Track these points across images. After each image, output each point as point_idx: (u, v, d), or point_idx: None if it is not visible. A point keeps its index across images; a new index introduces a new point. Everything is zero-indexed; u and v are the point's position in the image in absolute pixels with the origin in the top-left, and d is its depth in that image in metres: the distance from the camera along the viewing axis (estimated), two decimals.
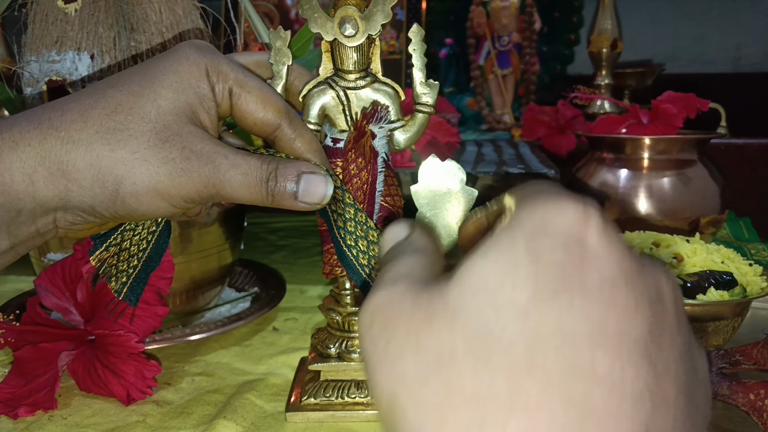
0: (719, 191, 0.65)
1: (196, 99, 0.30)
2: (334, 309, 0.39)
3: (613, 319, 0.16)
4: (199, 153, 0.29)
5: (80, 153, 0.28)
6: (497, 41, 1.40)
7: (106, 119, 0.28)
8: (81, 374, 0.43)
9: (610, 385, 0.15)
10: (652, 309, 0.17)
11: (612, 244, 0.17)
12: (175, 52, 0.31)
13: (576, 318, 0.16)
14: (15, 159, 0.28)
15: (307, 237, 0.92)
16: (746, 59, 1.86)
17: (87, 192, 0.29)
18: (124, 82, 0.30)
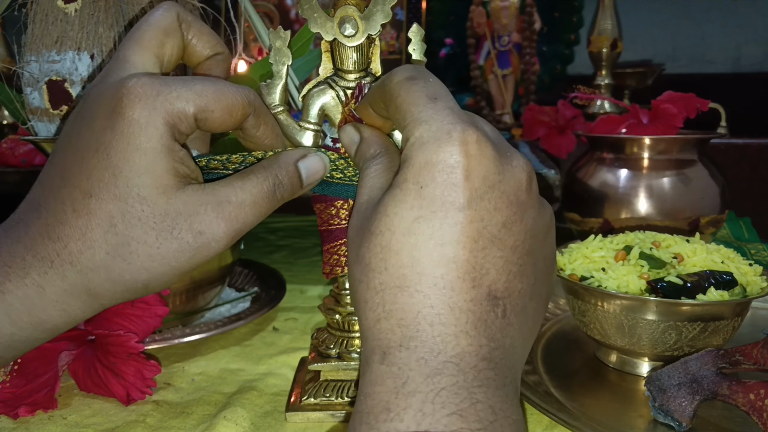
0: (719, 191, 0.65)
1: (171, 159, 0.28)
2: (334, 309, 0.39)
3: (477, 223, 0.24)
4: (207, 223, 0.28)
5: (102, 276, 0.28)
6: (497, 41, 1.39)
7: (108, 235, 0.28)
8: (81, 374, 0.43)
9: (467, 269, 0.23)
10: (509, 207, 0.25)
11: (482, 164, 0.24)
12: (122, 119, 0.27)
13: (448, 227, 0.24)
14: (47, 301, 0.28)
15: (307, 237, 0.92)
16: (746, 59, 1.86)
17: (119, 299, 0.30)
18: (97, 184, 0.28)
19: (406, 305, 0.24)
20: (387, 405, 0.22)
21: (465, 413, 0.21)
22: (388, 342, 0.23)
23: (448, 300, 0.23)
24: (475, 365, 0.23)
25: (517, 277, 0.25)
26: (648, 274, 0.43)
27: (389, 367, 0.23)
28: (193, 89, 0.29)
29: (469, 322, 0.23)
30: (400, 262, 0.24)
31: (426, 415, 0.21)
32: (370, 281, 0.25)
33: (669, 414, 0.36)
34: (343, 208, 0.36)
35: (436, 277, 0.24)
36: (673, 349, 0.41)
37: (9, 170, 0.93)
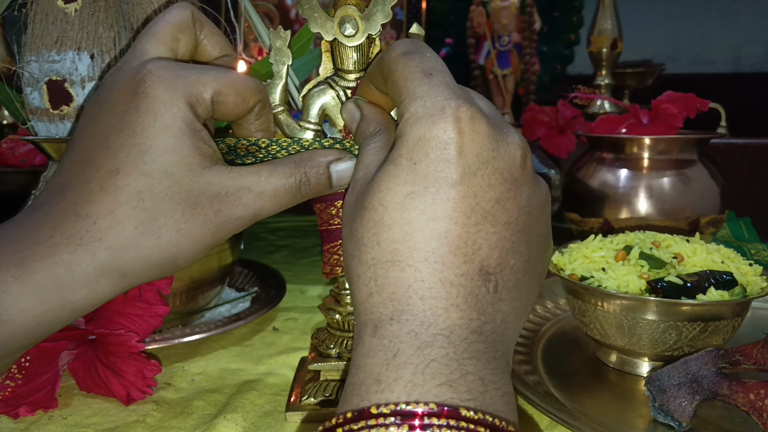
0: (719, 191, 0.65)
1: (194, 138, 0.29)
2: (334, 309, 0.39)
3: (469, 199, 0.24)
4: (226, 201, 0.29)
5: (132, 253, 0.28)
6: (497, 41, 1.39)
7: (137, 212, 0.28)
8: (81, 374, 0.43)
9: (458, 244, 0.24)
10: (503, 183, 0.25)
11: (475, 140, 0.24)
12: (145, 99, 0.28)
13: (441, 202, 0.24)
14: (76, 279, 0.28)
15: (307, 237, 0.92)
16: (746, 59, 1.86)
17: (148, 278, 0.30)
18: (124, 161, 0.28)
19: (397, 279, 0.24)
20: (378, 377, 0.22)
21: (455, 384, 0.21)
22: (379, 316, 0.24)
23: (439, 274, 0.24)
24: (465, 338, 0.23)
25: (509, 253, 0.25)
26: (648, 274, 0.43)
27: (380, 340, 0.23)
28: (209, 74, 0.30)
29: (460, 296, 0.23)
30: (392, 236, 0.24)
31: (416, 386, 0.21)
32: (363, 256, 0.25)
33: (669, 414, 0.36)
34: (343, 207, 0.36)
35: (427, 252, 0.24)
36: (673, 349, 0.41)
37: (9, 170, 0.93)
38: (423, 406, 0.20)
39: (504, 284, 0.25)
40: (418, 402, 0.20)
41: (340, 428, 0.21)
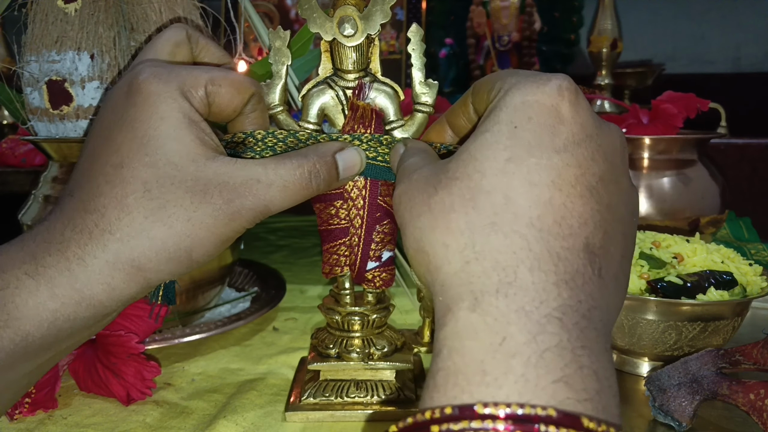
0: (719, 191, 0.65)
1: (194, 129, 0.29)
2: (333, 309, 0.39)
3: (574, 169, 0.22)
4: (236, 190, 0.29)
5: (145, 245, 0.28)
6: (497, 41, 1.40)
7: (145, 201, 0.28)
8: (81, 374, 0.43)
9: (563, 214, 0.22)
10: (606, 162, 0.23)
11: (579, 112, 0.23)
12: (140, 94, 0.29)
13: (544, 169, 0.22)
14: (90, 273, 0.28)
15: (307, 237, 0.92)
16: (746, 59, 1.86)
17: (164, 273, 0.29)
18: (127, 154, 0.29)
19: (501, 246, 0.21)
20: (482, 365, 0.19)
21: (571, 381, 0.18)
22: (482, 286, 0.21)
23: (545, 244, 0.21)
24: (576, 322, 0.20)
25: (611, 239, 0.23)
26: (648, 274, 0.43)
27: (483, 318, 0.20)
28: (201, 69, 0.31)
29: (567, 273, 0.21)
30: (491, 201, 0.22)
31: (529, 383, 0.18)
32: (452, 223, 0.23)
33: (669, 414, 0.36)
34: (342, 208, 0.36)
35: (532, 218, 0.22)
36: (673, 349, 0.41)
37: (9, 170, 0.93)
38: (540, 410, 0.17)
39: (606, 270, 0.22)
40: (534, 405, 0.17)
41: (436, 426, 0.18)
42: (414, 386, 0.40)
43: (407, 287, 0.62)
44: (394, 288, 0.61)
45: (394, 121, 0.35)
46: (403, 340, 0.41)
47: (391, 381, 0.40)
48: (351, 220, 0.36)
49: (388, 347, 0.39)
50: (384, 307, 0.40)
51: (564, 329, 0.20)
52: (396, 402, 0.39)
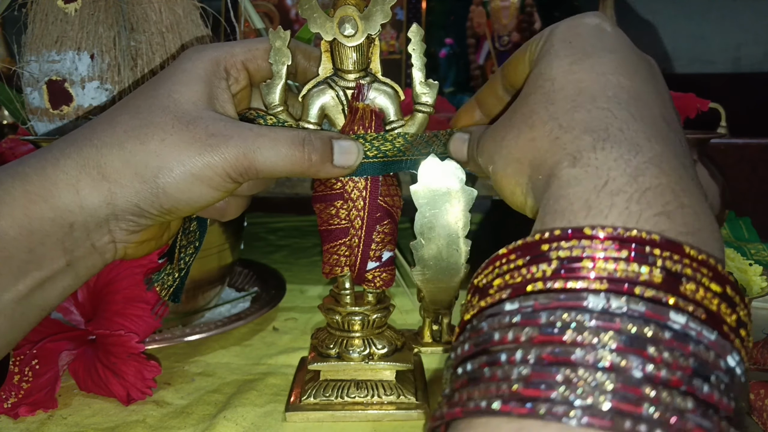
0: (719, 191, 0.65)
1: (207, 87, 0.32)
2: (334, 309, 0.39)
3: (629, 65, 0.24)
4: (223, 129, 0.30)
5: (115, 154, 0.29)
6: (497, 41, 1.40)
7: (131, 119, 0.30)
8: (81, 374, 0.43)
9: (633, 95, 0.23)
10: (648, 73, 0.25)
11: (618, 30, 0.26)
12: (178, 58, 0.33)
13: (606, 62, 0.24)
14: (59, 173, 0.29)
15: (307, 237, 0.92)
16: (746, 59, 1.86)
17: (129, 190, 0.30)
18: (139, 93, 0.32)
19: (587, 118, 0.22)
20: (587, 203, 0.20)
21: (672, 215, 0.19)
22: (577, 147, 0.22)
23: (628, 112, 0.22)
24: (674, 168, 0.20)
25: (674, 116, 0.24)
26: None
27: (584, 169, 0.21)
28: (239, 42, 0.34)
29: (655, 132, 0.22)
30: (566, 94, 0.24)
31: (632, 214, 0.19)
32: (535, 122, 0.24)
33: None
34: (342, 208, 0.36)
35: (608, 96, 0.23)
36: None
37: None
38: (645, 234, 0.18)
39: (682, 138, 0.23)
40: (640, 230, 0.18)
41: (546, 244, 0.19)
42: (414, 386, 0.40)
43: (407, 287, 0.62)
44: (394, 288, 0.61)
45: (394, 121, 0.35)
46: (403, 340, 0.41)
47: (391, 381, 0.40)
48: (351, 220, 0.36)
49: (388, 347, 0.39)
50: (384, 307, 0.40)
51: (663, 173, 0.20)
52: (396, 402, 0.39)
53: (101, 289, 0.44)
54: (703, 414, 0.16)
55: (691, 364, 0.16)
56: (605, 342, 0.16)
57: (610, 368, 0.16)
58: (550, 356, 0.16)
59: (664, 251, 0.17)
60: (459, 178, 0.34)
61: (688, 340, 0.16)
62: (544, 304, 0.17)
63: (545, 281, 0.18)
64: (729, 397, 0.16)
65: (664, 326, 0.16)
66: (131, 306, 0.43)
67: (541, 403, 0.15)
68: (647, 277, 0.17)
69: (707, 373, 0.16)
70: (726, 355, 0.17)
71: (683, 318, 0.17)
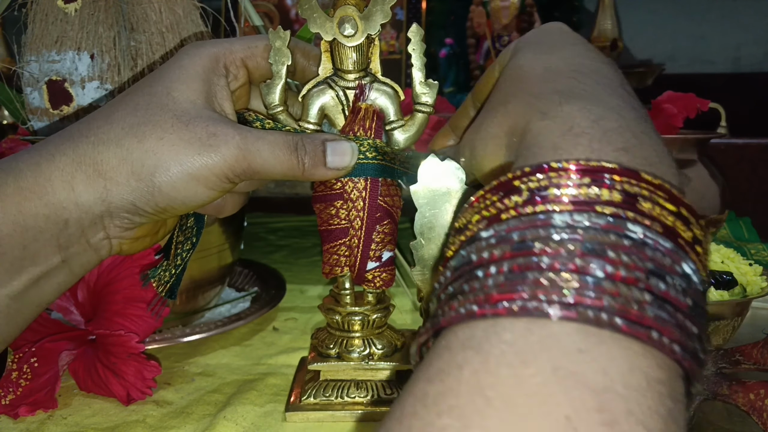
0: (719, 191, 0.65)
1: (206, 85, 0.31)
2: (334, 309, 0.39)
3: (590, 52, 0.27)
4: (222, 130, 0.30)
5: (111, 151, 0.29)
6: (497, 41, 1.40)
7: (129, 117, 0.30)
8: (81, 374, 0.43)
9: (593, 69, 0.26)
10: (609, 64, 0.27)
11: (582, 38, 0.28)
12: (177, 54, 0.33)
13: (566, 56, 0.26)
14: (54, 169, 0.29)
15: (307, 237, 0.92)
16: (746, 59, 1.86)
17: (125, 188, 0.29)
18: (137, 88, 0.31)
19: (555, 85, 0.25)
20: (555, 145, 0.22)
21: (631, 151, 0.21)
22: (545, 104, 0.24)
23: (590, 77, 0.25)
24: (635, 118, 0.23)
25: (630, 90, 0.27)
26: None
27: (552, 120, 0.23)
28: (238, 38, 0.34)
29: (614, 92, 0.24)
30: (535, 73, 0.26)
31: (594, 151, 0.21)
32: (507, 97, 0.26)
33: None
34: (342, 208, 0.36)
35: (573, 70, 0.25)
36: None
37: None
38: (605, 163, 0.20)
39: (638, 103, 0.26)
40: (599, 160, 0.20)
41: (517, 181, 0.20)
42: None
43: (407, 287, 0.62)
44: (394, 288, 0.61)
45: (394, 121, 0.35)
46: (403, 340, 0.41)
47: (391, 381, 0.40)
48: (351, 220, 0.36)
49: (388, 347, 0.39)
50: (384, 307, 0.40)
51: (623, 119, 0.22)
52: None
53: (101, 289, 0.44)
54: (659, 307, 0.17)
55: (648, 266, 0.18)
56: (569, 250, 0.18)
57: (574, 270, 0.17)
58: (521, 266, 0.18)
59: (623, 177, 0.19)
60: (459, 178, 0.34)
61: (645, 247, 0.18)
62: (515, 225, 0.19)
63: (517, 209, 0.20)
64: (685, 296, 0.18)
65: (622, 236, 0.18)
66: (131, 306, 0.43)
67: (513, 303, 0.17)
68: (607, 198, 0.19)
69: (663, 275, 0.18)
70: (681, 261, 0.19)
71: (640, 229, 0.18)
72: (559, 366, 0.16)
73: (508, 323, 0.17)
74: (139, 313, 0.43)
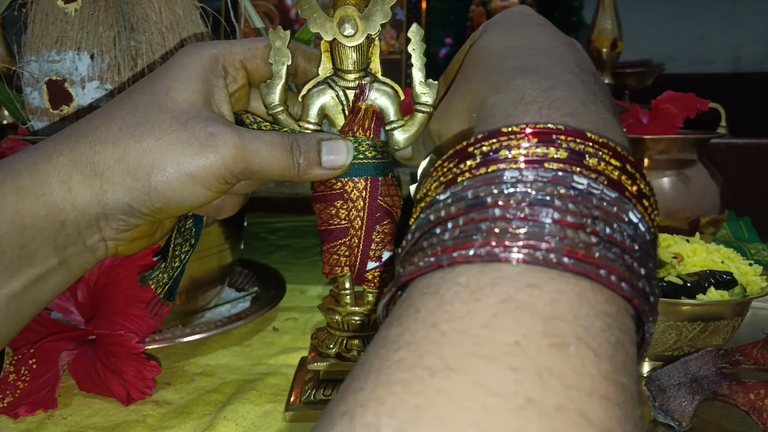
0: (719, 191, 0.65)
1: (205, 86, 0.31)
2: (333, 309, 0.39)
3: (552, 33, 0.28)
4: (220, 130, 0.30)
5: (108, 150, 0.29)
6: None
7: (127, 117, 0.30)
8: (81, 374, 0.43)
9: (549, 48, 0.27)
10: (568, 42, 0.28)
11: (546, 19, 0.29)
12: (176, 54, 0.33)
13: (525, 36, 0.28)
14: (51, 169, 0.29)
15: (307, 237, 0.92)
16: (746, 59, 1.86)
17: (121, 188, 0.29)
18: (137, 88, 0.32)
19: (512, 62, 0.26)
20: (506, 113, 0.23)
21: (578, 116, 0.22)
22: (501, 79, 0.25)
23: (546, 55, 0.26)
24: (583, 90, 0.24)
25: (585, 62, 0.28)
26: None
27: (505, 93, 0.24)
28: (238, 40, 0.34)
29: (565, 68, 0.25)
30: (497, 53, 0.27)
31: (543, 116, 0.22)
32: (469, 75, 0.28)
33: (669, 414, 0.36)
34: (342, 208, 0.36)
35: (531, 49, 0.26)
36: (673, 349, 0.41)
37: None
38: (552, 125, 0.21)
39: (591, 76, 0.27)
40: (547, 123, 0.21)
41: (471, 147, 0.21)
42: None
43: None
44: None
45: (394, 121, 0.35)
46: None
47: None
48: (351, 220, 0.36)
49: None
50: None
51: (572, 90, 0.24)
52: None
53: (101, 289, 0.44)
54: (606, 248, 0.18)
55: (594, 213, 0.19)
56: (518, 200, 0.19)
57: (524, 218, 0.18)
58: (474, 220, 0.19)
59: (569, 137, 0.20)
60: None
61: (591, 197, 0.19)
62: (469, 185, 0.20)
63: (471, 171, 0.21)
64: (633, 241, 0.19)
65: (569, 187, 0.19)
66: (131, 306, 0.43)
67: (468, 251, 0.18)
68: (554, 156, 0.20)
69: (610, 221, 0.19)
70: (628, 211, 0.19)
71: (586, 180, 0.19)
72: (510, 298, 0.17)
73: (464, 269, 0.18)
74: (139, 313, 0.43)
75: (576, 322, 0.17)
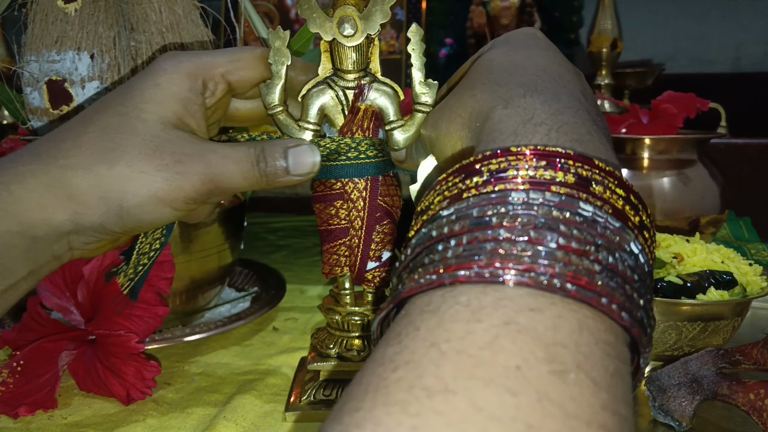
0: (719, 191, 0.65)
1: (179, 105, 0.31)
2: (333, 309, 0.39)
3: (559, 57, 0.29)
4: (189, 154, 0.30)
5: (81, 177, 0.30)
6: None
7: (99, 141, 0.30)
8: (81, 374, 0.43)
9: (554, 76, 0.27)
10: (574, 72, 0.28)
11: (552, 44, 0.30)
12: (152, 67, 0.32)
13: (533, 56, 0.28)
14: (23, 191, 0.29)
15: (307, 237, 0.92)
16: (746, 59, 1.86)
17: (94, 212, 0.30)
18: (108, 105, 0.31)
19: (520, 79, 0.26)
20: (515, 131, 0.23)
21: (585, 143, 0.23)
22: (509, 94, 0.25)
23: (552, 78, 0.26)
24: (587, 119, 0.24)
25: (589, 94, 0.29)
26: None
27: (514, 109, 0.24)
28: (218, 51, 0.34)
29: (572, 95, 0.26)
30: (504, 67, 0.28)
31: (551, 139, 0.22)
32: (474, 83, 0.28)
33: (669, 414, 0.36)
34: (342, 208, 0.36)
35: (538, 69, 0.27)
36: (673, 349, 0.41)
37: None
38: (561, 149, 0.21)
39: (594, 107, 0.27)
40: (556, 146, 0.21)
41: (478, 164, 0.21)
42: None
43: None
44: None
45: (394, 121, 0.35)
46: None
47: None
48: (351, 220, 0.36)
49: None
50: None
51: (577, 115, 0.24)
52: None
53: (101, 289, 0.44)
54: (608, 277, 0.18)
55: (598, 241, 0.19)
56: (524, 223, 0.19)
57: (529, 241, 0.18)
58: (478, 239, 0.19)
59: (577, 162, 0.21)
60: None
61: (595, 225, 0.19)
62: (475, 203, 0.20)
63: (477, 188, 0.21)
64: (633, 271, 0.19)
65: (575, 213, 0.19)
66: (131, 306, 0.43)
67: (470, 271, 0.18)
68: (562, 180, 0.20)
69: (613, 250, 0.19)
70: (629, 241, 0.20)
71: (592, 208, 0.19)
72: (511, 321, 0.17)
73: (465, 288, 0.18)
74: (139, 314, 0.43)
75: (576, 349, 0.17)
